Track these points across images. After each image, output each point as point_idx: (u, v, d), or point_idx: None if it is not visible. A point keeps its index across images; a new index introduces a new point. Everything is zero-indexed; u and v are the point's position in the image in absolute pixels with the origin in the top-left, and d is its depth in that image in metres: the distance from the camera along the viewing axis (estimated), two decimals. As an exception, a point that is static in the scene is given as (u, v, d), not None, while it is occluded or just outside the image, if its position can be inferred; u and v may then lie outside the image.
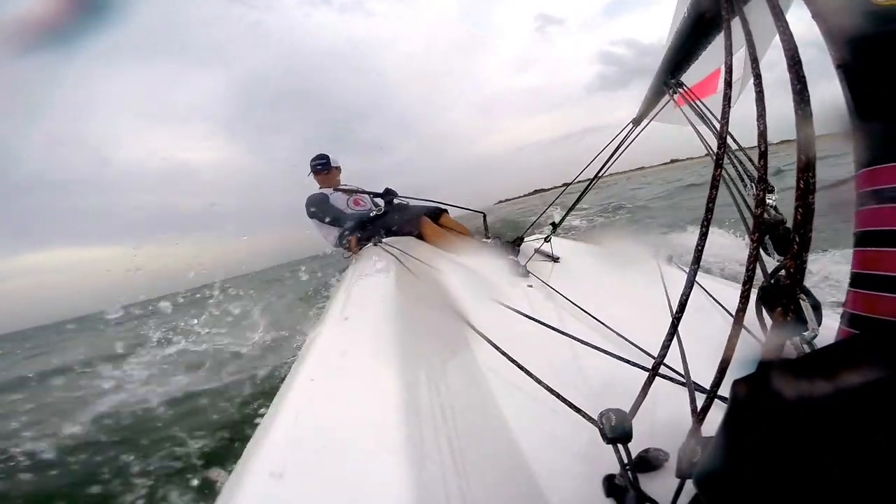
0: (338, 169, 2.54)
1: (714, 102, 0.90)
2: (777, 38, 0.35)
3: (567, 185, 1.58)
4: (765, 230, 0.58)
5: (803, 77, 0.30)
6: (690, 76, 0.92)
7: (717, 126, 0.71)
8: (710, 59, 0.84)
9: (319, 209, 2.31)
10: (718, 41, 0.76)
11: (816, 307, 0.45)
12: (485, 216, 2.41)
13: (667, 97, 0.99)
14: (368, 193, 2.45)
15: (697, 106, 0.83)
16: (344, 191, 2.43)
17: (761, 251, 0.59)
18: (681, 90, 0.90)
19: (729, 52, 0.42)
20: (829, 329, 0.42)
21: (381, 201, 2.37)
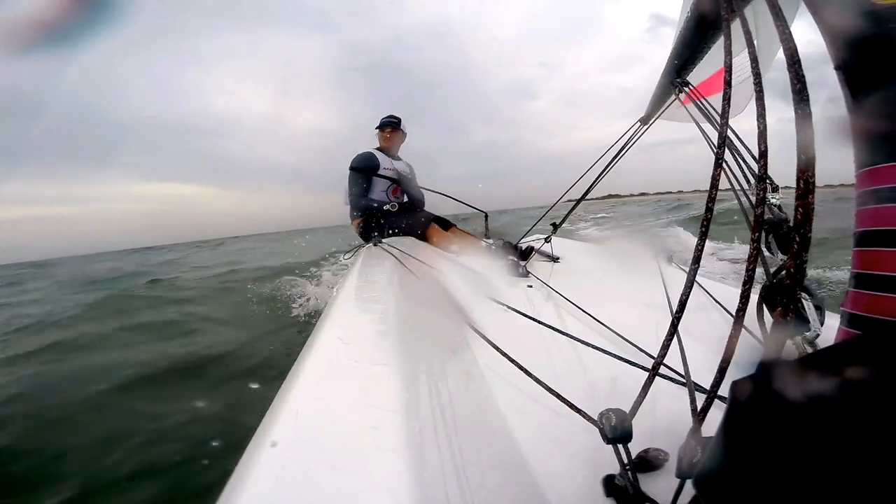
0: (404, 134, 2.53)
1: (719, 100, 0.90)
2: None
3: (570, 188, 1.57)
4: (768, 229, 0.58)
5: (802, 76, 0.30)
6: (696, 74, 0.92)
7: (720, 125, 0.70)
8: (716, 57, 0.85)
9: (358, 172, 2.29)
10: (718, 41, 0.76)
11: (819, 307, 0.45)
12: (486, 216, 2.40)
13: (673, 96, 0.99)
14: (408, 194, 2.38)
15: (703, 105, 0.83)
16: (390, 176, 2.35)
17: (766, 251, 0.59)
18: (686, 89, 0.91)
19: (728, 52, 0.42)
20: (831, 329, 0.42)
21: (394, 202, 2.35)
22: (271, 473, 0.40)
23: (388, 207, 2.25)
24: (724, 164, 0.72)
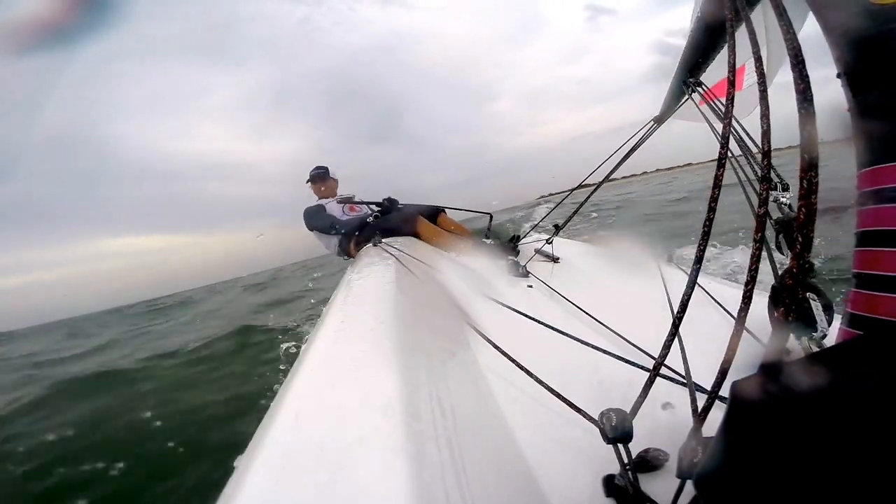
0: (335, 181, 2.58)
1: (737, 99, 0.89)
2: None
3: (580, 184, 1.53)
4: (778, 229, 0.58)
5: (806, 76, 0.30)
6: (712, 74, 0.92)
7: (735, 125, 0.70)
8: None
9: (316, 219, 2.35)
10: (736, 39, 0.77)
11: (828, 307, 0.45)
12: (491, 217, 2.40)
13: (686, 96, 0.99)
14: (366, 203, 2.42)
15: (715, 105, 0.84)
16: (340, 200, 2.44)
17: (777, 251, 0.59)
18: (699, 89, 0.91)
19: (732, 51, 0.42)
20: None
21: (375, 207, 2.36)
22: (271, 473, 0.40)
23: (370, 220, 2.24)
24: (733, 164, 0.73)
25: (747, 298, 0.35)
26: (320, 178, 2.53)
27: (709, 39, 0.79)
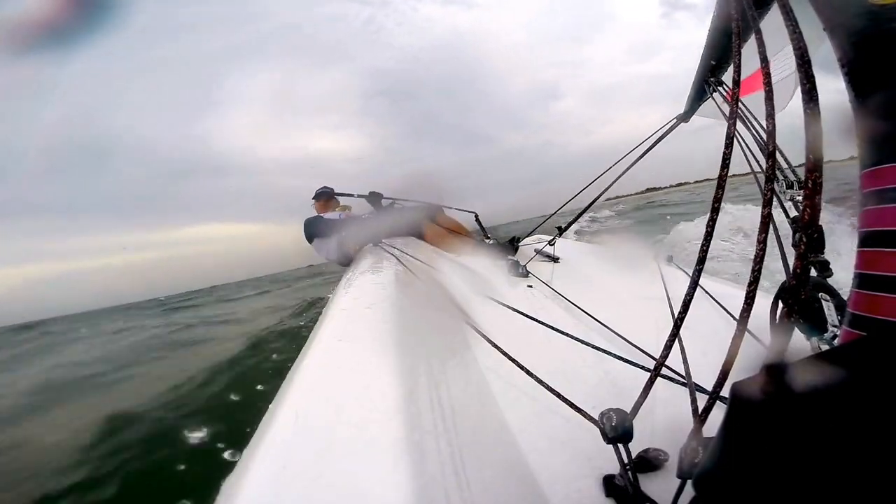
0: (336, 201, 2.68)
1: (755, 100, 0.89)
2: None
3: (586, 187, 1.50)
4: (795, 228, 0.58)
5: (812, 76, 0.30)
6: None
7: (755, 125, 0.70)
8: (752, 57, 0.85)
9: (314, 226, 2.43)
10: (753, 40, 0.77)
11: (841, 307, 0.45)
12: (476, 215, 2.39)
13: (707, 95, 1.00)
14: (349, 195, 2.50)
15: (734, 105, 0.85)
16: (335, 208, 2.52)
17: (793, 250, 0.60)
18: (720, 88, 0.91)
19: (737, 52, 0.42)
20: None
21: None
22: (271, 473, 0.40)
23: (365, 216, 2.35)
24: (749, 162, 0.72)
25: (750, 299, 0.35)
26: (326, 196, 2.61)
27: (726, 40, 0.79)
